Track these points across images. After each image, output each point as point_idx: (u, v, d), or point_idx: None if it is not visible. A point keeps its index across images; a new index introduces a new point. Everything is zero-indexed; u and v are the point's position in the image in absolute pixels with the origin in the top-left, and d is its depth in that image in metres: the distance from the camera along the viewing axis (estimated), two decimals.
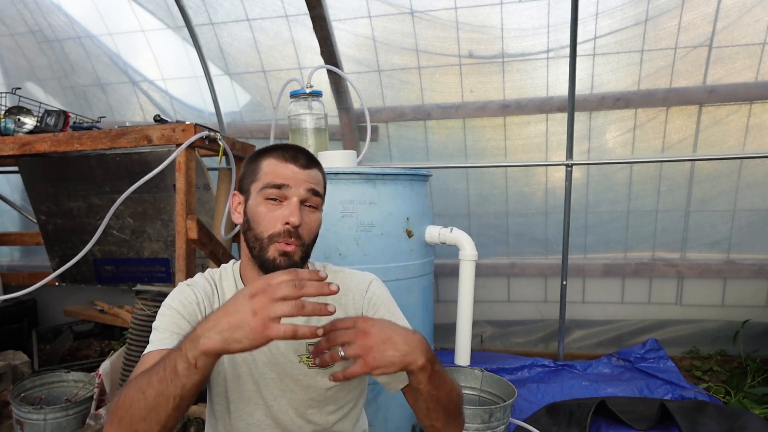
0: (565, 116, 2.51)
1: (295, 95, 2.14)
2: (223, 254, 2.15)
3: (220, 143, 2.05)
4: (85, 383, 2.25)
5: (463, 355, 1.98)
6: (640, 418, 2.09)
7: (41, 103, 2.39)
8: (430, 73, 2.72)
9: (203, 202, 2.45)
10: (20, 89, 2.43)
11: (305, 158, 1.05)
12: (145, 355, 0.97)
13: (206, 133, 1.95)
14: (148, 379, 0.80)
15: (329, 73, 2.70)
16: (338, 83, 2.75)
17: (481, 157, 2.82)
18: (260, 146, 1.12)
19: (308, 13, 2.55)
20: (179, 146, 1.89)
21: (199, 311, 1.04)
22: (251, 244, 1.03)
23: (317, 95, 2.15)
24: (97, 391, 2.13)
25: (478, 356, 2.73)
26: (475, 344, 2.58)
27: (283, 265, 1.00)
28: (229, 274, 1.13)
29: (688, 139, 2.59)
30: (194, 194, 1.97)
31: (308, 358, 1.09)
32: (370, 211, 1.80)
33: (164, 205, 2.37)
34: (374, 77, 2.78)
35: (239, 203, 1.09)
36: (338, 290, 0.78)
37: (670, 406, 2.08)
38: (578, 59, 2.43)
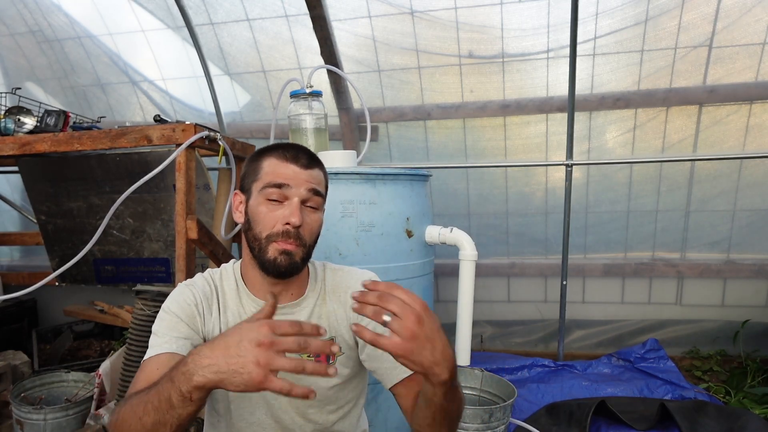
0: (565, 116, 2.52)
1: (295, 95, 2.14)
2: (223, 254, 2.15)
3: (220, 143, 2.05)
4: (85, 383, 2.25)
5: (463, 355, 1.98)
6: (640, 418, 2.09)
7: (41, 103, 2.39)
8: (430, 73, 2.72)
9: (203, 202, 2.45)
10: (20, 89, 2.43)
11: (306, 158, 1.04)
12: (145, 360, 0.97)
13: (206, 133, 1.95)
14: (144, 405, 0.79)
15: (329, 73, 2.70)
16: (338, 83, 2.75)
17: (481, 157, 2.82)
18: (260, 146, 1.12)
19: (308, 13, 2.55)
20: (179, 146, 1.89)
21: (197, 313, 1.05)
22: (252, 243, 1.04)
23: (317, 95, 2.15)
24: (97, 391, 2.13)
25: (478, 356, 2.73)
26: (475, 344, 2.58)
27: (283, 264, 1.00)
28: (229, 273, 1.13)
29: (688, 139, 2.59)
30: (194, 194, 1.97)
31: (309, 357, 1.08)
32: (370, 211, 1.80)
33: (164, 205, 2.37)
34: (374, 77, 2.78)
35: (240, 202, 1.09)
36: (335, 374, 0.76)
37: (670, 406, 2.08)
38: (578, 59, 2.43)
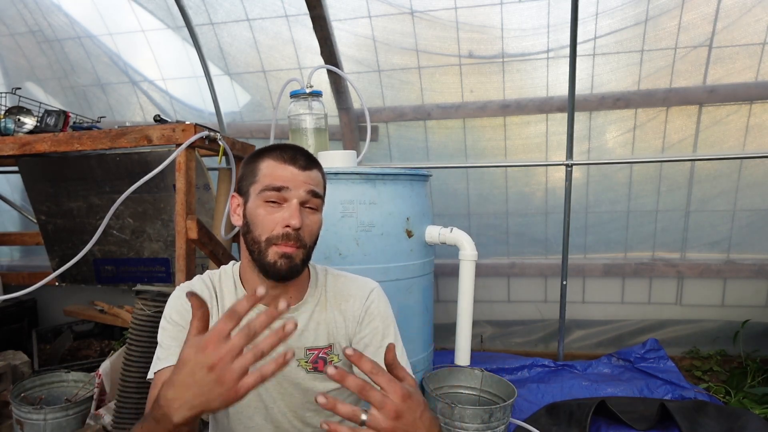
0: (565, 116, 2.51)
1: (295, 95, 2.14)
2: (223, 254, 2.15)
3: (220, 143, 2.04)
4: (85, 383, 2.25)
5: (463, 355, 1.99)
6: (640, 418, 2.09)
7: (41, 103, 2.39)
8: (430, 73, 2.72)
9: (203, 202, 2.45)
10: (20, 89, 2.43)
11: (304, 159, 1.03)
12: (157, 373, 0.99)
13: (206, 133, 1.95)
14: None
15: (329, 73, 2.70)
16: (338, 83, 2.75)
17: (481, 157, 2.82)
18: (260, 146, 1.11)
19: (308, 13, 2.55)
20: (179, 146, 1.89)
21: None
22: (251, 246, 1.02)
23: (317, 95, 2.15)
24: (97, 391, 2.13)
25: (478, 356, 2.73)
26: (475, 344, 2.58)
27: (283, 267, 0.99)
28: (228, 276, 1.13)
29: (688, 139, 2.59)
30: (194, 194, 1.97)
31: (306, 362, 1.09)
32: (370, 211, 1.80)
33: (164, 205, 2.37)
34: (374, 77, 2.78)
35: (238, 205, 1.07)
36: (296, 327, 0.71)
37: (670, 406, 2.08)
38: (578, 59, 2.43)
